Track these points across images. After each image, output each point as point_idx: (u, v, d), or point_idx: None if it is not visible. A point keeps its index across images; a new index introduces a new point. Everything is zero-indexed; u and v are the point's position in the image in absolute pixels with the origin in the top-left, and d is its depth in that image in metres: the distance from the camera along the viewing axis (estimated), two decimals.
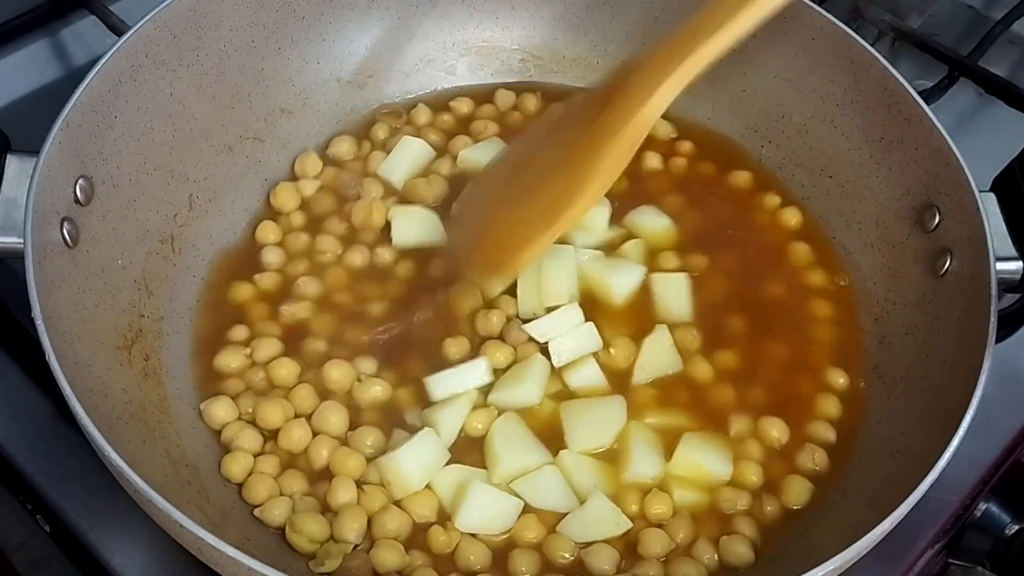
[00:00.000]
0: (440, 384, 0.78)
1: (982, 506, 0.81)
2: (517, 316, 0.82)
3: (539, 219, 0.77)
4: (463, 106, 0.97)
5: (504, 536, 0.72)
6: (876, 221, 0.84)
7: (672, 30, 0.73)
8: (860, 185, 0.86)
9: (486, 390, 0.78)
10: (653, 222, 0.89)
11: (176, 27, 0.82)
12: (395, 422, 0.77)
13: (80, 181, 0.74)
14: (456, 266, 0.85)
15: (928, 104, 0.81)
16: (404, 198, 0.90)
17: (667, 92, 0.72)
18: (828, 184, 0.89)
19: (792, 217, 0.90)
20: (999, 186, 0.79)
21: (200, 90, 0.86)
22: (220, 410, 0.76)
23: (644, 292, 0.84)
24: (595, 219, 0.88)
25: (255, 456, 0.74)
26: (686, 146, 0.95)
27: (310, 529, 0.70)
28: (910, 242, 0.81)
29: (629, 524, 0.72)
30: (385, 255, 0.87)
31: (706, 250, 0.87)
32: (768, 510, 0.74)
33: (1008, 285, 0.76)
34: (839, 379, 0.80)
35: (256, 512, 0.72)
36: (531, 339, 0.80)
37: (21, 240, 0.67)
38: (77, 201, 0.73)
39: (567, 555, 0.71)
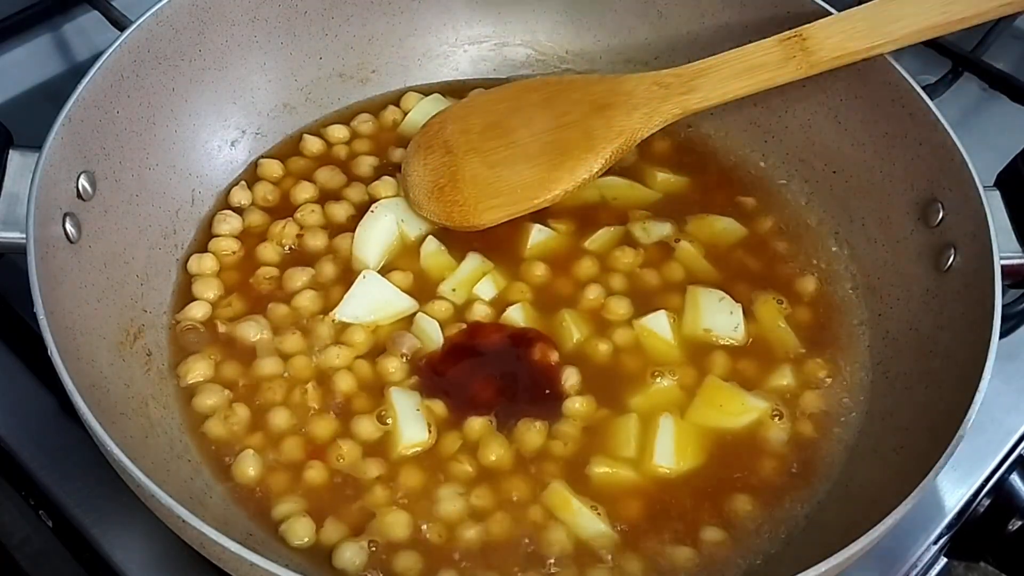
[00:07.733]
0: None
1: (985, 502, 0.81)
2: None
3: (521, 187, 0.83)
4: None
5: None
6: (880, 217, 0.84)
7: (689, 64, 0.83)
8: (863, 180, 0.86)
9: None
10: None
11: (178, 22, 0.82)
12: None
13: (82, 176, 0.74)
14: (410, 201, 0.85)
15: (932, 99, 0.80)
16: None
17: (670, 121, 0.83)
18: (832, 179, 0.88)
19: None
20: (1003, 181, 0.79)
21: (202, 85, 0.86)
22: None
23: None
24: None
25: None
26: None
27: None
28: (914, 238, 0.81)
29: None
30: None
31: None
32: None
33: (1012, 281, 0.76)
34: None
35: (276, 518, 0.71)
36: None
37: (23, 235, 0.67)
38: (79, 196, 0.74)
39: None
